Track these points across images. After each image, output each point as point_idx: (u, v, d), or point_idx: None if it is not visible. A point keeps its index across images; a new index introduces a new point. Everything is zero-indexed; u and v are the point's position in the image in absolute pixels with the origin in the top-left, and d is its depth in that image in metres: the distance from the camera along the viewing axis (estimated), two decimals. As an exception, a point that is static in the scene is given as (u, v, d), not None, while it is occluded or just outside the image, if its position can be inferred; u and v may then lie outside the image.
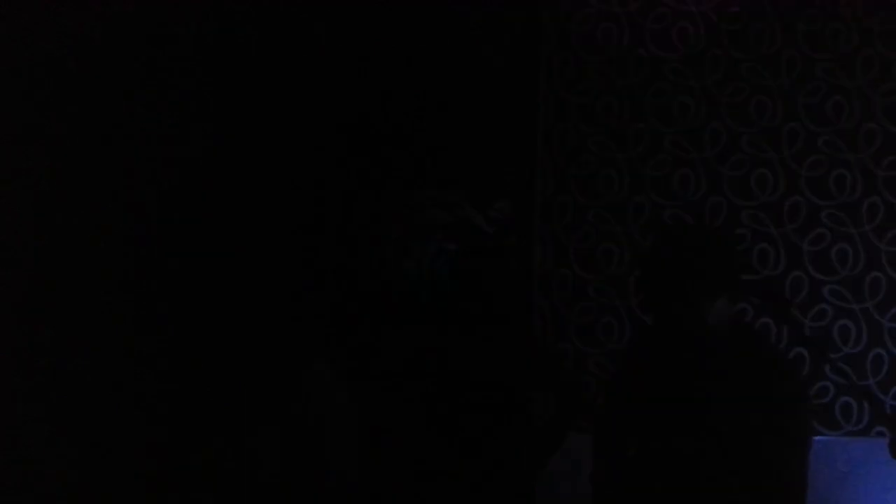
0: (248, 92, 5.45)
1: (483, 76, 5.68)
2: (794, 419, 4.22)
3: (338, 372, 4.54)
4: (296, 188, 5.68)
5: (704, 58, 5.72)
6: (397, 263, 5.62)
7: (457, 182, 5.65)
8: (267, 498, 4.42)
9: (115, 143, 4.62)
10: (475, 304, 4.86)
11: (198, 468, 4.72)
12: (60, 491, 4.52)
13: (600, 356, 5.68)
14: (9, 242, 4.42)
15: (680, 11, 5.75)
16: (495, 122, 5.68)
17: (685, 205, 5.69)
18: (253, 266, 5.51)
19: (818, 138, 5.66)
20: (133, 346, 4.82)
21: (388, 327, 4.84)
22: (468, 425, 4.64)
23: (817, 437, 5.49)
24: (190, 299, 5.17)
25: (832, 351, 5.52)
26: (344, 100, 5.71)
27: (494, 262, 5.00)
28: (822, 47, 5.66)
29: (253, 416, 4.64)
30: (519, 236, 5.62)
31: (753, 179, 5.67)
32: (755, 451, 4.14)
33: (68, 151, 4.44)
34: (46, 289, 4.54)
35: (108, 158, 4.59)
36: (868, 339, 5.58)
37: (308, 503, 4.33)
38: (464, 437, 4.58)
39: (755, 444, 4.11)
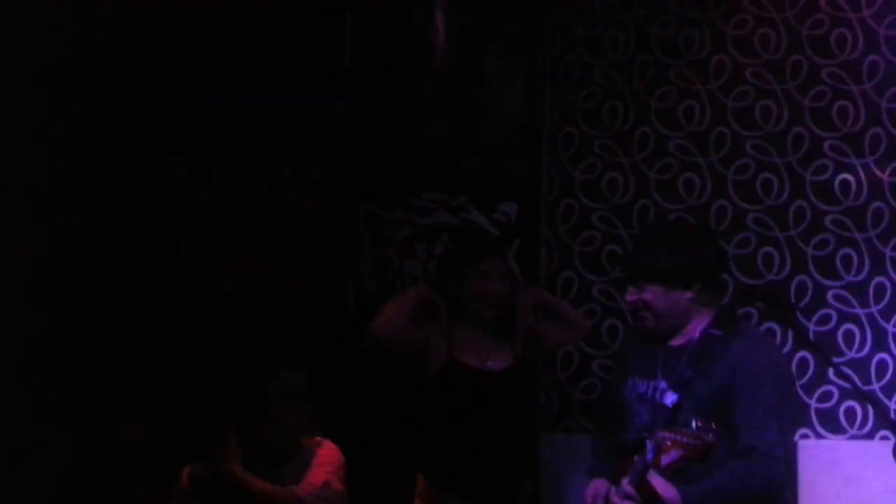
0: (246, 93, 5.49)
1: (486, 80, 5.71)
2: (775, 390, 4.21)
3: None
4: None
5: (709, 64, 5.75)
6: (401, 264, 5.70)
7: (462, 185, 5.72)
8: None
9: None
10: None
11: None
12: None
13: (605, 358, 5.70)
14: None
15: (686, 17, 5.78)
16: (500, 127, 5.71)
17: (690, 208, 5.72)
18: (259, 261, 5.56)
19: (823, 143, 5.67)
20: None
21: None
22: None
23: (822, 441, 5.51)
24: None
25: (836, 355, 5.52)
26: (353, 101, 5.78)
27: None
28: (829, 54, 5.68)
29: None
30: (524, 239, 5.68)
31: (759, 184, 5.69)
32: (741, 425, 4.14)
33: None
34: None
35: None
36: (872, 344, 5.58)
37: None
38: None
39: (742, 419, 4.11)
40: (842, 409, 5.57)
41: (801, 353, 5.56)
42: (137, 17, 4.59)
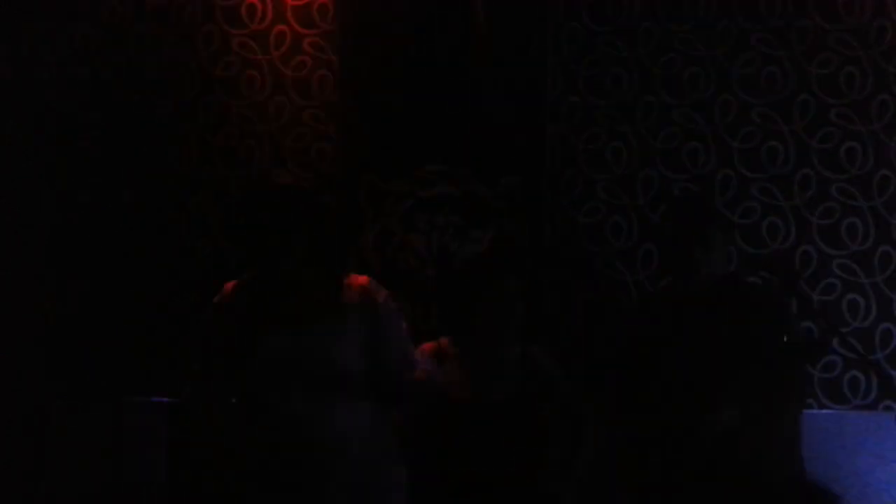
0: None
1: (492, 51, 5.62)
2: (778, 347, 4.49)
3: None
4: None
5: (715, 30, 5.65)
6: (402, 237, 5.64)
7: (465, 158, 5.64)
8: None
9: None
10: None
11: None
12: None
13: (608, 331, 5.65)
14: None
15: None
16: (503, 98, 5.63)
17: (695, 178, 5.65)
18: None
19: (830, 111, 5.60)
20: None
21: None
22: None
23: (826, 411, 5.50)
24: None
25: (840, 325, 5.50)
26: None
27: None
28: (836, 18, 5.60)
29: None
30: (527, 211, 5.61)
31: (764, 153, 5.62)
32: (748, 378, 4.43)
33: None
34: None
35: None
36: (877, 314, 5.56)
37: None
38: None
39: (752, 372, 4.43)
40: (846, 378, 5.56)
41: (804, 323, 5.54)
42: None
